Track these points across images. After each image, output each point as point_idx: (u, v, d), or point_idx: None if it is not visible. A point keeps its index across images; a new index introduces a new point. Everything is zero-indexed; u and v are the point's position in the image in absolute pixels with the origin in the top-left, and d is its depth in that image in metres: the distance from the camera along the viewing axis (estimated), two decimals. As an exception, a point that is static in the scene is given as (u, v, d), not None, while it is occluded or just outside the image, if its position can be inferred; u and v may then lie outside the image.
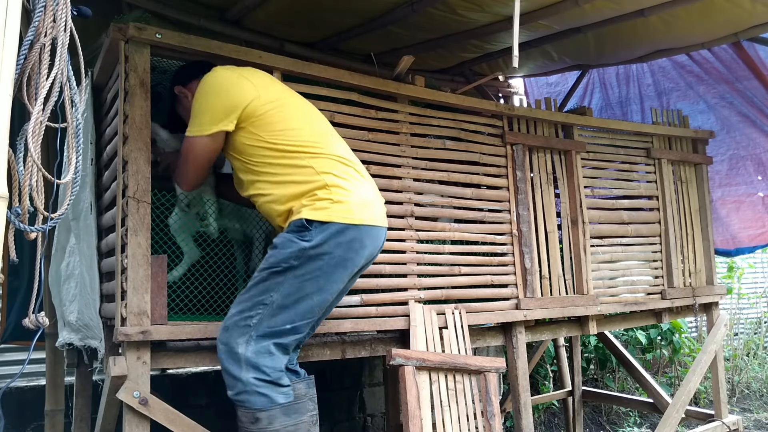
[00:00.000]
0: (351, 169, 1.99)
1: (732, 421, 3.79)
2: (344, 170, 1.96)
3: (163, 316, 2.07)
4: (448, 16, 2.92)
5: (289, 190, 1.92)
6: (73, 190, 1.29)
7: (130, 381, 1.99)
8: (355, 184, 1.96)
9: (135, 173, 2.07)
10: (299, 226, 1.87)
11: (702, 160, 3.97)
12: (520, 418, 2.95)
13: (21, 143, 1.16)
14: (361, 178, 2.02)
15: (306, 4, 2.83)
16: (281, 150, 1.94)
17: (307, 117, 2.06)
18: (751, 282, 7.67)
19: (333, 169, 1.93)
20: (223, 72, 2.01)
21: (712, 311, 3.97)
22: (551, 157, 3.29)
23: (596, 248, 3.37)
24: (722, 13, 2.97)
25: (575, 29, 3.21)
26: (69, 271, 2.54)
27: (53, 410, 2.93)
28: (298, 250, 1.85)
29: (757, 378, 6.24)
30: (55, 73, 1.18)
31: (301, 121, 2.01)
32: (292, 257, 1.85)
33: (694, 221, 3.89)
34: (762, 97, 4.03)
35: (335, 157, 1.97)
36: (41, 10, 1.16)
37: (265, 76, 2.09)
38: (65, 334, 2.59)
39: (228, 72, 2.02)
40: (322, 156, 1.95)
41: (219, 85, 1.97)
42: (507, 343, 3.03)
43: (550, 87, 4.89)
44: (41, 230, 1.19)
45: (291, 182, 1.92)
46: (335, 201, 1.88)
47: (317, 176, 1.91)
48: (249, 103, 1.94)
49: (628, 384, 5.62)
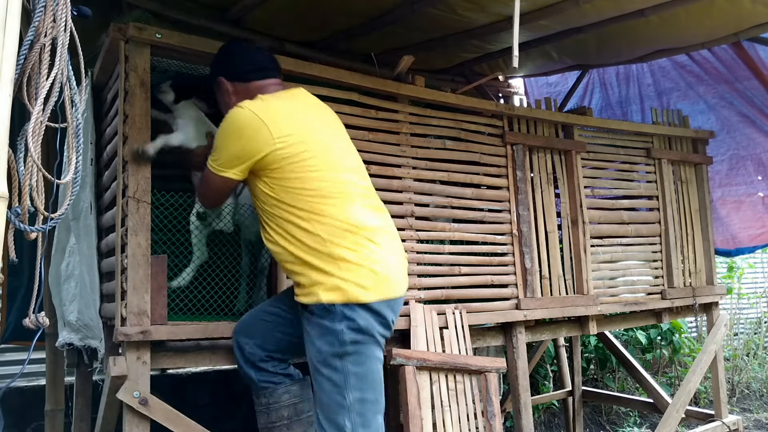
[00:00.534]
0: (360, 237, 1.81)
1: (732, 421, 3.79)
2: (353, 240, 1.80)
3: (163, 316, 2.07)
4: (448, 16, 2.92)
5: (298, 252, 1.80)
6: (73, 190, 1.29)
7: (130, 381, 1.99)
8: (364, 255, 1.80)
9: (135, 173, 2.07)
10: (322, 310, 1.77)
11: (702, 160, 3.97)
12: (520, 418, 2.95)
13: (21, 143, 1.15)
14: (371, 244, 1.82)
15: (306, 4, 2.83)
16: (293, 208, 1.82)
17: (330, 164, 1.87)
18: (751, 282, 7.67)
19: (342, 240, 1.79)
20: (244, 113, 1.84)
21: (712, 311, 3.97)
22: (551, 157, 3.29)
23: (596, 248, 3.37)
24: (722, 13, 2.97)
25: (575, 29, 3.21)
26: (69, 271, 2.54)
27: (53, 410, 2.93)
28: (335, 340, 1.75)
29: (757, 378, 6.24)
30: (55, 73, 1.18)
31: (322, 171, 1.84)
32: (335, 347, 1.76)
33: (694, 221, 3.89)
34: (762, 97, 4.03)
35: (347, 224, 1.80)
36: (41, 10, 1.16)
37: (294, 112, 1.92)
38: (65, 334, 2.59)
39: (249, 114, 1.83)
40: (332, 224, 1.79)
41: (236, 128, 1.85)
42: (507, 343, 3.03)
43: (550, 87, 4.88)
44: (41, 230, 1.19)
45: (300, 243, 1.81)
46: (345, 279, 1.76)
47: (324, 246, 1.78)
48: (263, 156, 1.81)
49: (628, 384, 5.62)
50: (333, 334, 1.75)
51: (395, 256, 1.88)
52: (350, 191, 1.87)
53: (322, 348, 1.77)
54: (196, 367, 3.25)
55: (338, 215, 1.80)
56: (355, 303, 1.75)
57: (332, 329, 1.75)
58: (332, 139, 1.97)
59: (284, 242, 1.83)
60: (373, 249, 1.81)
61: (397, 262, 1.88)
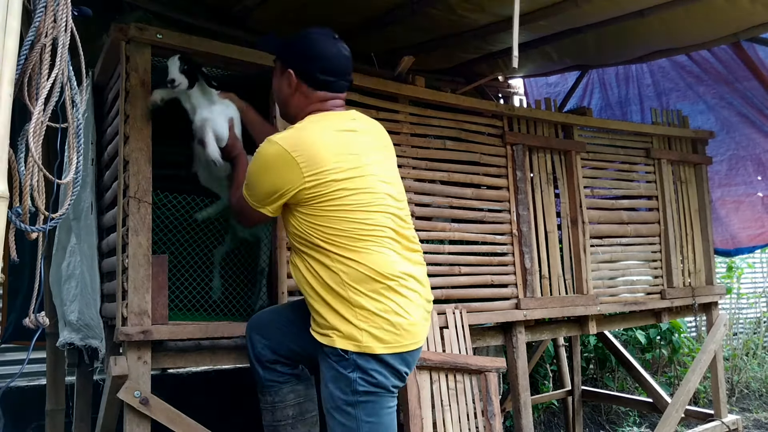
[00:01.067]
0: (383, 286, 1.70)
1: (731, 421, 3.80)
2: (374, 288, 1.69)
3: (163, 315, 2.07)
4: (448, 16, 2.92)
5: (319, 289, 1.73)
6: (73, 190, 1.29)
7: (130, 381, 1.99)
8: (384, 305, 1.70)
9: (136, 173, 2.07)
10: (336, 354, 1.71)
11: (701, 160, 3.97)
12: (520, 418, 2.96)
13: (22, 143, 1.16)
14: (395, 294, 1.72)
15: (306, 4, 2.83)
16: (318, 246, 1.72)
17: (366, 203, 1.73)
18: (750, 282, 7.68)
19: (363, 287, 1.69)
20: (274, 149, 1.71)
21: (711, 311, 3.98)
22: (551, 157, 3.30)
23: (596, 248, 3.37)
24: (722, 13, 2.97)
25: (575, 29, 3.21)
26: (70, 270, 2.54)
27: (54, 410, 2.93)
28: (348, 389, 1.70)
29: (757, 378, 6.24)
30: (55, 73, 1.18)
31: (354, 212, 1.71)
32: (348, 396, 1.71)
33: (694, 221, 3.89)
34: (761, 98, 4.03)
35: (371, 271, 1.69)
36: (42, 11, 1.17)
37: (337, 142, 1.75)
38: (66, 333, 2.59)
39: (280, 151, 1.69)
40: (356, 269, 1.69)
41: (265, 165, 1.73)
42: (507, 342, 3.04)
43: (549, 87, 4.89)
44: (42, 230, 1.19)
45: (322, 281, 1.72)
46: (361, 329, 1.67)
47: (344, 290, 1.69)
48: (294, 194, 1.70)
49: (628, 384, 5.62)
50: (346, 381, 1.69)
51: (419, 309, 1.77)
52: (382, 235, 1.74)
53: (334, 393, 1.71)
54: (197, 366, 3.26)
55: (363, 260, 1.69)
56: (370, 354, 1.68)
57: (346, 377, 1.69)
58: (376, 172, 1.78)
59: (308, 275, 1.75)
60: (396, 299, 1.71)
61: (420, 314, 1.77)
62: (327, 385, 1.74)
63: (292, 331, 1.91)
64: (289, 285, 2.35)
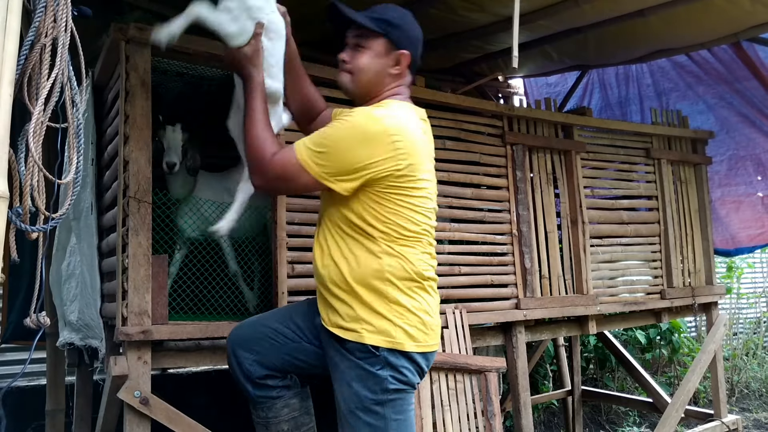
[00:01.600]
0: (419, 285, 1.69)
1: (731, 421, 3.80)
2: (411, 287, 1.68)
3: (163, 315, 2.08)
4: (449, 16, 2.93)
5: (351, 278, 1.65)
6: (74, 190, 1.29)
7: (130, 380, 1.99)
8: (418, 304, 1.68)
9: (136, 173, 2.07)
10: (363, 351, 1.64)
11: (701, 160, 3.97)
12: (520, 418, 2.96)
13: (22, 143, 1.16)
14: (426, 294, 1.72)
15: (306, 4, 2.83)
16: (371, 232, 1.65)
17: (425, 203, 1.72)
18: (750, 282, 7.68)
19: (403, 284, 1.66)
20: (379, 126, 1.60)
21: (711, 311, 3.98)
22: (551, 157, 3.30)
23: (596, 248, 3.37)
24: (722, 13, 2.97)
25: (575, 29, 3.21)
26: (70, 270, 2.54)
27: (54, 410, 2.93)
28: (378, 388, 1.64)
29: (756, 378, 6.24)
30: (55, 73, 1.18)
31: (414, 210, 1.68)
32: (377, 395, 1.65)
33: (694, 221, 3.89)
34: (761, 98, 4.03)
35: (412, 270, 1.67)
36: (42, 11, 1.17)
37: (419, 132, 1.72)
38: (66, 333, 2.59)
39: (384, 129, 1.60)
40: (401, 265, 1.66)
41: (366, 137, 1.59)
42: (507, 342, 3.04)
43: (549, 87, 4.89)
44: (42, 230, 1.19)
45: (359, 269, 1.65)
46: (395, 324, 1.64)
47: (383, 284, 1.64)
48: (380, 176, 1.60)
49: (628, 384, 5.62)
50: (376, 380, 1.63)
51: (438, 311, 1.79)
52: (427, 238, 1.73)
53: (361, 393, 1.64)
54: (197, 366, 3.26)
55: (410, 258, 1.66)
56: (400, 351, 1.64)
57: (375, 375, 1.62)
58: (433, 173, 1.77)
59: (343, 263, 1.65)
60: (428, 299, 1.71)
61: (438, 316, 1.78)
62: (351, 385, 1.65)
63: (286, 342, 1.80)
64: (289, 285, 2.35)
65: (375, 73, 1.77)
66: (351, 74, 1.77)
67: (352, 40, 1.77)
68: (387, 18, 1.79)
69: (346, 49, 1.79)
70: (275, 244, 2.36)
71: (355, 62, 1.76)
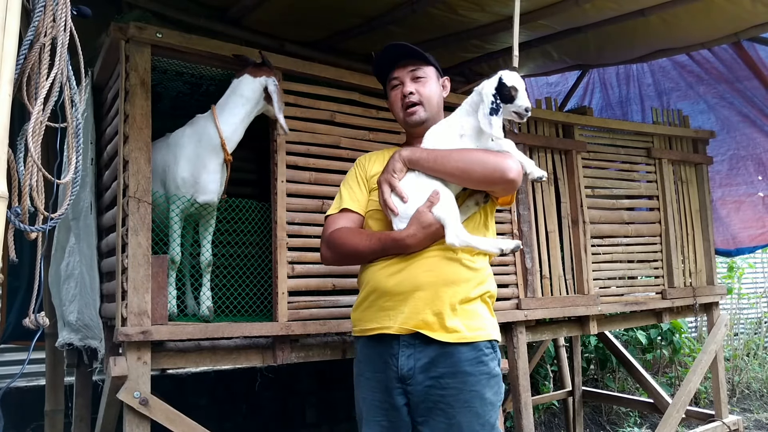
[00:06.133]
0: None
1: (732, 421, 3.79)
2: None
3: (163, 316, 2.07)
4: (449, 16, 2.92)
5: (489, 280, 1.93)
6: (73, 190, 1.28)
7: (130, 381, 1.99)
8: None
9: (135, 173, 2.07)
10: (489, 348, 1.74)
11: (702, 160, 3.96)
12: (521, 418, 2.95)
13: (21, 143, 1.15)
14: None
15: (306, 4, 2.83)
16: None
17: None
18: (751, 282, 7.67)
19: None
20: None
21: (712, 311, 3.97)
22: (552, 157, 3.29)
23: (597, 248, 3.37)
24: (722, 13, 2.96)
25: (575, 29, 3.20)
26: (69, 271, 2.53)
27: (53, 410, 2.93)
28: (498, 388, 1.74)
29: (758, 378, 6.24)
30: (55, 72, 1.18)
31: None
32: (499, 395, 1.73)
33: (695, 221, 3.89)
34: (762, 97, 4.03)
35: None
36: (41, 10, 1.16)
37: None
38: (65, 334, 2.58)
39: None
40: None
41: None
42: (508, 343, 3.03)
43: (550, 87, 4.88)
44: (41, 230, 1.18)
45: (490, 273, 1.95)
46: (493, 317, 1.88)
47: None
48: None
49: (629, 384, 5.62)
50: (496, 379, 1.70)
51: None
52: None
53: (492, 399, 1.68)
54: (197, 367, 3.25)
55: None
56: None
57: (495, 374, 1.70)
58: None
59: (489, 268, 1.88)
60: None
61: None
62: (483, 396, 1.65)
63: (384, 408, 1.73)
64: (289, 285, 2.35)
65: (438, 98, 1.91)
66: (421, 105, 1.87)
67: (408, 75, 1.88)
68: (424, 52, 1.92)
69: (397, 87, 1.90)
70: (275, 244, 2.35)
71: (424, 92, 1.88)
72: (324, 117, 2.53)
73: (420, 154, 1.75)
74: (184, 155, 2.25)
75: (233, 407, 3.99)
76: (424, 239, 1.68)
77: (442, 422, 1.63)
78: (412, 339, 1.67)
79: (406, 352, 1.67)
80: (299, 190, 2.43)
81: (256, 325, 2.23)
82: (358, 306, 1.81)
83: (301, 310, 2.36)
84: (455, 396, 1.63)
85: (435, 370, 1.65)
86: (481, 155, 1.72)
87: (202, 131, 2.26)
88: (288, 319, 2.31)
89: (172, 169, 2.26)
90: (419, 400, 1.66)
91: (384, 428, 1.71)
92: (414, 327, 1.66)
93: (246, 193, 2.82)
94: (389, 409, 1.71)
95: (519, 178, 1.72)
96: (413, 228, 1.68)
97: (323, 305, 2.41)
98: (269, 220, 2.42)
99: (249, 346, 2.32)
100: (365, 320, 1.76)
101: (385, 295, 1.71)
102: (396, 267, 1.71)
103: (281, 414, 4.16)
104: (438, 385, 1.65)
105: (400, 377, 1.68)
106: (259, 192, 3.13)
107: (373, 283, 1.73)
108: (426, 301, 1.66)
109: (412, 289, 1.67)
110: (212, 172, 2.26)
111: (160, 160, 2.28)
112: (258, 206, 2.47)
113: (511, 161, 1.71)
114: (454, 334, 1.66)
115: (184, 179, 2.23)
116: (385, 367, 1.70)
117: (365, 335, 1.76)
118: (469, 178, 1.71)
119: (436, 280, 1.67)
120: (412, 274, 1.68)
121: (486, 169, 1.69)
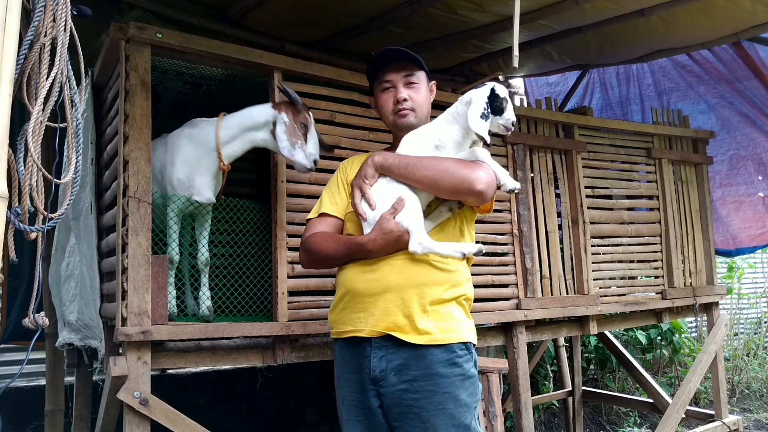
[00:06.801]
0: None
1: (732, 421, 3.79)
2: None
3: (163, 316, 2.07)
4: (448, 16, 2.92)
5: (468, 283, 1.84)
6: (73, 190, 1.28)
7: (130, 381, 1.99)
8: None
9: (135, 173, 2.07)
10: (463, 350, 1.72)
11: (702, 160, 3.96)
12: (521, 418, 2.95)
13: (21, 143, 1.15)
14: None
15: (306, 4, 2.83)
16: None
17: None
18: (751, 282, 7.67)
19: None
20: None
21: (712, 311, 3.97)
22: (552, 157, 3.29)
23: (597, 248, 3.37)
24: (722, 13, 2.97)
25: (575, 29, 3.20)
26: (69, 271, 2.53)
27: (53, 410, 2.93)
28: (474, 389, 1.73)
29: (757, 378, 6.24)
30: (55, 72, 1.18)
31: None
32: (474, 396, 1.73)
33: (695, 221, 3.89)
34: (762, 97, 4.02)
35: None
36: (41, 10, 1.16)
37: None
38: (65, 334, 2.58)
39: None
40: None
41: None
42: (507, 343, 3.03)
43: (550, 87, 4.88)
44: (41, 230, 1.18)
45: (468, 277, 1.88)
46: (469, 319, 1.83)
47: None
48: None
49: (628, 384, 5.62)
50: (471, 380, 1.69)
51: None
52: None
53: (467, 401, 1.67)
54: (197, 367, 3.25)
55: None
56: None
57: (470, 375, 1.69)
58: None
59: (466, 271, 1.81)
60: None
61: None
62: (458, 399, 1.65)
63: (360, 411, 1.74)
64: (289, 285, 2.35)
65: (428, 103, 1.93)
66: (413, 111, 1.88)
67: (402, 80, 1.88)
68: (416, 54, 1.91)
69: (389, 90, 1.89)
70: (275, 244, 2.35)
71: (416, 98, 1.89)
72: (324, 117, 2.53)
73: (392, 161, 1.75)
74: (180, 157, 2.25)
75: (233, 407, 3.99)
76: (385, 245, 1.68)
77: (417, 427, 1.63)
78: (384, 341, 1.68)
79: (378, 354, 1.68)
80: (299, 190, 2.43)
81: (256, 325, 2.23)
82: (334, 308, 1.81)
83: (301, 310, 2.36)
84: (429, 398, 1.63)
85: (408, 373, 1.65)
86: (450, 165, 1.71)
87: (203, 135, 2.26)
88: (288, 319, 2.31)
89: (168, 170, 2.26)
90: (392, 404, 1.67)
91: (365, 426, 1.73)
92: (385, 329, 1.67)
93: (245, 193, 2.83)
94: (366, 409, 1.72)
95: (488, 190, 1.71)
96: (374, 234, 1.69)
97: (323, 305, 2.41)
98: (269, 220, 2.43)
99: (249, 346, 2.32)
100: (340, 322, 1.77)
101: (356, 297, 1.72)
102: (368, 268, 1.72)
103: (281, 414, 4.16)
104: (411, 389, 1.65)
105: (372, 379, 1.68)
106: (259, 192, 3.13)
107: (347, 284, 1.75)
108: (396, 303, 1.67)
109: (382, 291, 1.68)
110: (207, 176, 2.26)
111: (157, 160, 2.29)
112: (258, 206, 2.47)
113: (482, 172, 1.71)
114: (426, 336, 1.65)
115: (180, 180, 2.24)
116: (360, 369, 1.71)
117: (341, 337, 1.77)
118: (437, 187, 1.71)
119: (405, 282, 1.68)
120: (383, 275, 1.69)
121: (454, 179, 1.69)
